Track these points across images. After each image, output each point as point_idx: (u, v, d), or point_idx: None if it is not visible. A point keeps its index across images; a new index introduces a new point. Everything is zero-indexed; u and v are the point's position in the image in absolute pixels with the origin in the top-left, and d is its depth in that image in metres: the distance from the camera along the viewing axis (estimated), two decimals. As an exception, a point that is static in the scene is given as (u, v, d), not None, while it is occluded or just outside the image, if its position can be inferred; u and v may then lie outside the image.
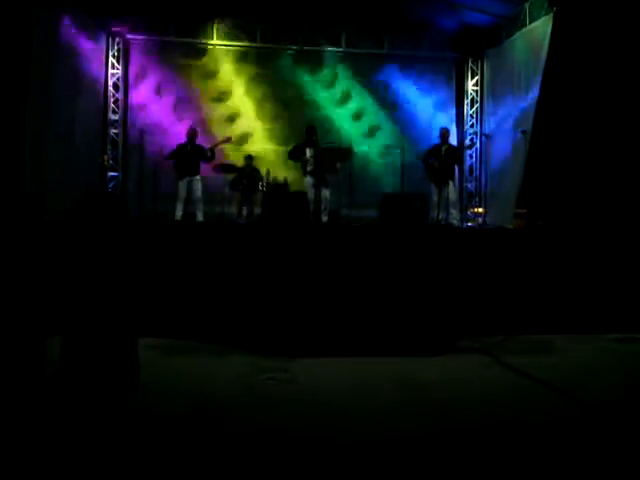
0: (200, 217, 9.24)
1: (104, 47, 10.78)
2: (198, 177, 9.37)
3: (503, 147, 10.61)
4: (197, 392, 4.55)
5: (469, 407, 4.41)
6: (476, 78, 11.92)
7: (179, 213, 9.11)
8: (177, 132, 10.38)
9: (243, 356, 5.57)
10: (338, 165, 8.70)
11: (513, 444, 3.66)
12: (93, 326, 3.05)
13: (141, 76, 11.12)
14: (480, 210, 10.77)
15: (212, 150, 9.35)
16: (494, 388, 4.88)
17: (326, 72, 11.42)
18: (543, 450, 3.57)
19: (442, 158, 9.39)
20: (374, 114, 11.52)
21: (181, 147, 9.42)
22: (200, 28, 11.00)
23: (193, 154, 9.31)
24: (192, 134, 9.49)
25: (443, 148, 9.56)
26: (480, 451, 3.56)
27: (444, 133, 9.74)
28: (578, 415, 4.21)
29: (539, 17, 9.74)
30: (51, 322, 3.76)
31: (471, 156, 11.93)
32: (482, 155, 11.69)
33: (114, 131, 11.09)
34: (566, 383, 4.85)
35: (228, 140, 9.59)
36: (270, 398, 4.49)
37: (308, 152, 8.68)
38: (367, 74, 11.54)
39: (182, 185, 9.26)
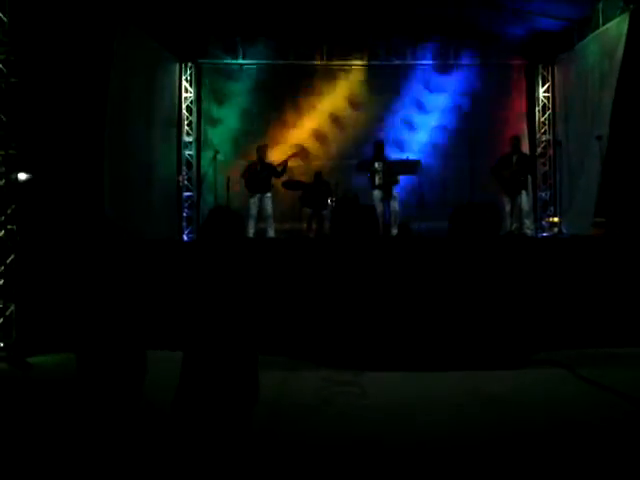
0: (271, 233, 9.41)
1: (177, 72, 11.19)
2: (269, 194, 9.55)
3: (578, 154, 10.30)
4: (273, 403, 4.65)
5: (545, 415, 4.34)
6: (547, 84, 11.64)
7: (251, 230, 9.30)
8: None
9: (316, 370, 5.67)
10: (398, 177, 8.73)
11: (583, 452, 3.62)
12: (218, 343, 3.05)
13: (213, 98, 11.48)
14: (555, 219, 10.50)
15: (283, 166, 9.53)
16: (570, 400, 4.76)
17: (391, 86, 11.42)
18: (610, 457, 3.48)
19: (514, 168, 9.21)
20: (443, 125, 11.43)
21: (251, 165, 9.64)
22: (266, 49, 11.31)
23: (263, 171, 9.51)
24: (261, 151, 9.70)
25: (514, 157, 9.38)
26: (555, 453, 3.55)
27: (514, 142, 9.55)
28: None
29: (613, 17, 9.43)
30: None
31: (544, 164, 11.62)
32: (556, 163, 11.37)
33: (189, 152, 11.47)
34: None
35: (296, 155, 9.73)
36: (344, 411, 4.55)
37: (377, 165, 8.74)
38: (434, 86, 11.47)
39: (253, 202, 9.46)
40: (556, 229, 10.08)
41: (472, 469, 3.49)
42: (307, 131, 11.36)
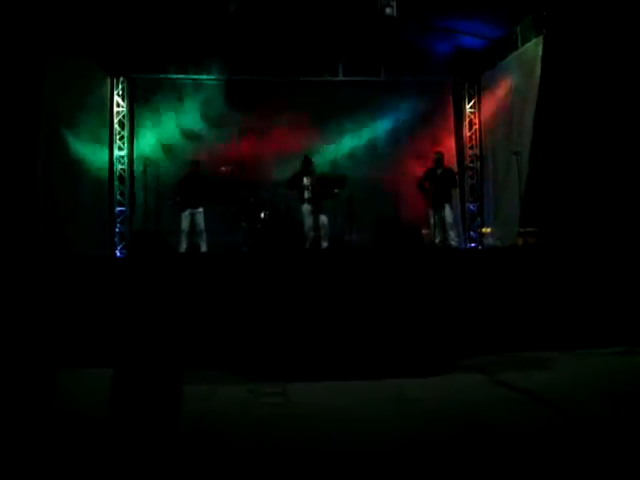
0: (204, 248, 9.41)
1: (108, 86, 11.12)
2: (201, 209, 9.56)
3: (501, 168, 10.75)
4: (196, 414, 4.68)
5: (457, 419, 4.52)
6: (473, 101, 12.10)
7: (184, 245, 9.30)
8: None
9: (242, 383, 5.71)
10: (336, 190, 8.90)
11: (493, 452, 3.76)
12: (146, 358, 3.20)
13: (144, 112, 11.45)
14: (488, 230, 10.86)
15: (214, 183, 9.57)
16: (484, 402, 4.96)
17: (325, 100, 11.64)
18: (521, 458, 3.66)
19: (437, 182, 9.55)
20: (372, 140, 11.71)
21: (182, 180, 9.64)
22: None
23: (194, 187, 9.51)
24: (193, 166, 9.71)
25: (438, 172, 9.72)
26: (463, 457, 3.69)
27: (438, 157, 9.91)
28: (563, 427, 4.28)
29: (530, 39, 9.93)
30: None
31: (472, 177, 12.05)
32: (482, 176, 11.81)
33: (121, 167, 11.39)
34: (557, 397, 4.91)
35: (226, 172, 9.78)
36: (266, 418, 4.62)
37: (305, 180, 8.90)
38: (365, 101, 11.74)
39: (185, 217, 9.45)
40: (491, 239, 10.44)
41: (386, 474, 3.60)
42: (243, 146, 11.41)
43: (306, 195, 8.90)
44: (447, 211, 9.46)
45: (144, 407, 3.12)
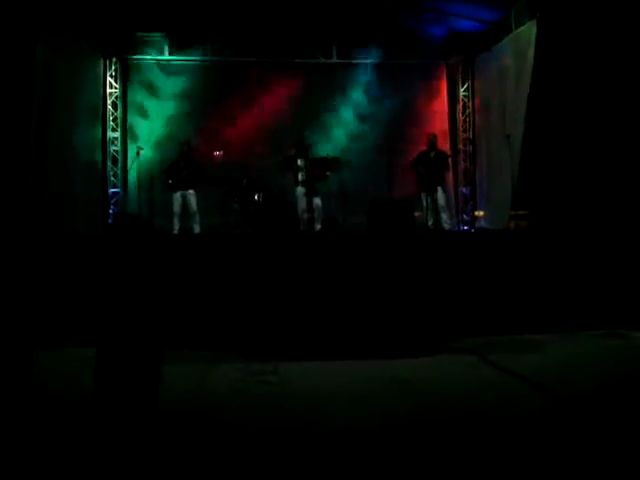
0: (197, 230, 9.43)
1: (101, 67, 11.07)
2: (192, 191, 9.54)
3: (494, 151, 10.79)
4: (192, 394, 4.77)
5: (447, 400, 4.62)
6: (467, 84, 12.11)
7: (176, 227, 9.31)
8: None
9: (235, 362, 5.79)
10: (328, 173, 8.92)
11: (482, 433, 3.86)
12: (129, 337, 3.33)
13: (139, 94, 11.41)
14: (481, 213, 10.91)
15: (204, 164, 9.61)
16: (474, 383, 5.06)
17: (318, 82, 11.62)
18: (510, 439, 3.75)
19: (429, 165, 9.58)
20: (365, 123, 11.73)
21: (174, 161, 9.64)
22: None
23: (186, 168, 9.52)
24: (184, 148, 9.70)
25: (431, 154, 9.75)
26: (452, 437, 3.79)
27: (431, 140, 9.93)
28: (549, 407, 4.39)
29: (524, 22, 9.93)
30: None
31: (464, 160, 12.09)
32: (475, 160, 11.86)
33: (114, 148, 11.36)
34: (544, 378, 5.02)
35: (219, 156, 9.78)
36: (259, 399, 4.70)
37: (299, 162, 8.91)
38: (359, 83, 11.73)
39: (176, 199, 9.45)
40: (483, 222, 10.50)
41: (378, 454, 3.68)
42: (237, 128, 11.39)
43: (300, 177, 8.91)
44: (439, 194, 9.50)
45: (125, 386, 3.27)
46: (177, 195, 9.44)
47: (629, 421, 3.97)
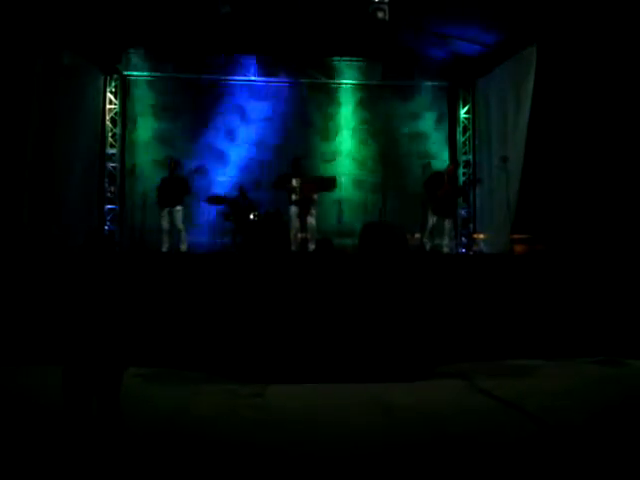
0: (183, 248, 9.28)
1: (102, 84, 11.10)
2: (179, 207, 9.39)
3: (494, 174, 10.72)
4: (177, 415, 4.72)
5: (431, 426, 4.51)
6: (467, 106, 12.09)
7: (165, 245, 9.21)
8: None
9: (222, 383, 5.71)
10: (315, 196, 8.85)
11: (463, 459, 3.78)
12: (94, 356, 3.44)
13: (138, 110, 11.43)
14: (481, 236, 10.80)
15: (188, 181, 9.64)
16: (461, 408, 4.95)
17: (316, 100, 11.63)
18: (493, 466, 3.65)
19: (446, 187, 9.32)
20: (366, 143, 11.71)
21: (163, 179, 9.60)
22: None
23: (173, 185, 9.45)
24: (172, 165, 9.65)
25: (446, 177, 9.41)
26: (432, 464, 3.73)
27: (453, 168, 9.83)
28: (536, 435, 4.26)
29: (525, 46, 9.92)
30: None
31: (464, 183, 12.01)
32: (475, 182, 11.77)
33: (112, 165, 11.35)
34: (532, 405, 4.90)
35: (197, 171, 9.72)
36: (244, 422, 4.61)
37: (294, 182, 8.84)
38: (360, 104, 11.74)
39: (163, 216, 9.31)
40: (482, 245, 10.37)
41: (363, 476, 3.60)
42: (232, 145, 11.42)
43: (293, 197, 8.85)
44: (447, 222, 9.31)
45: (89, 400, 3.42)
46: (164, 212, 9.35)
47: (619, 451, 3.85)
